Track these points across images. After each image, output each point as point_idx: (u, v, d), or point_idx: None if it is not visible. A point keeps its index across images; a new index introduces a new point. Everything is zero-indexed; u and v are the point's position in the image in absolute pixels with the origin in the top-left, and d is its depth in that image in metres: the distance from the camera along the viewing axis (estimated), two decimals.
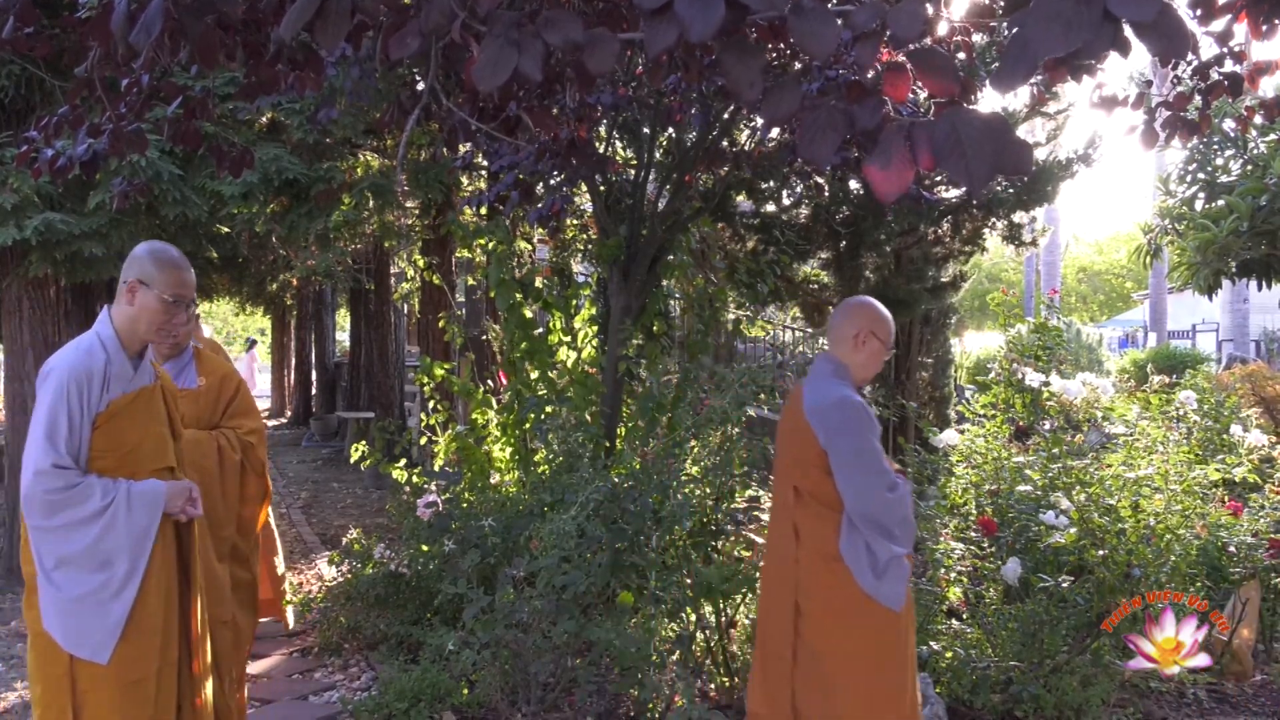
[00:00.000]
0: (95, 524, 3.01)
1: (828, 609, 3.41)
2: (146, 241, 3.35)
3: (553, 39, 1.63)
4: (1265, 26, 3.32)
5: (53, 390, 3.02)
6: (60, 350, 3.15)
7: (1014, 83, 1.46)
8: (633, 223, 6.69)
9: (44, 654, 3.04)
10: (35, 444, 2.99)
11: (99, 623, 3.02)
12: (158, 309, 3.22)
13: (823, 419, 3.41)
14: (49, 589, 3.00)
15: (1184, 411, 6.58)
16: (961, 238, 9.28)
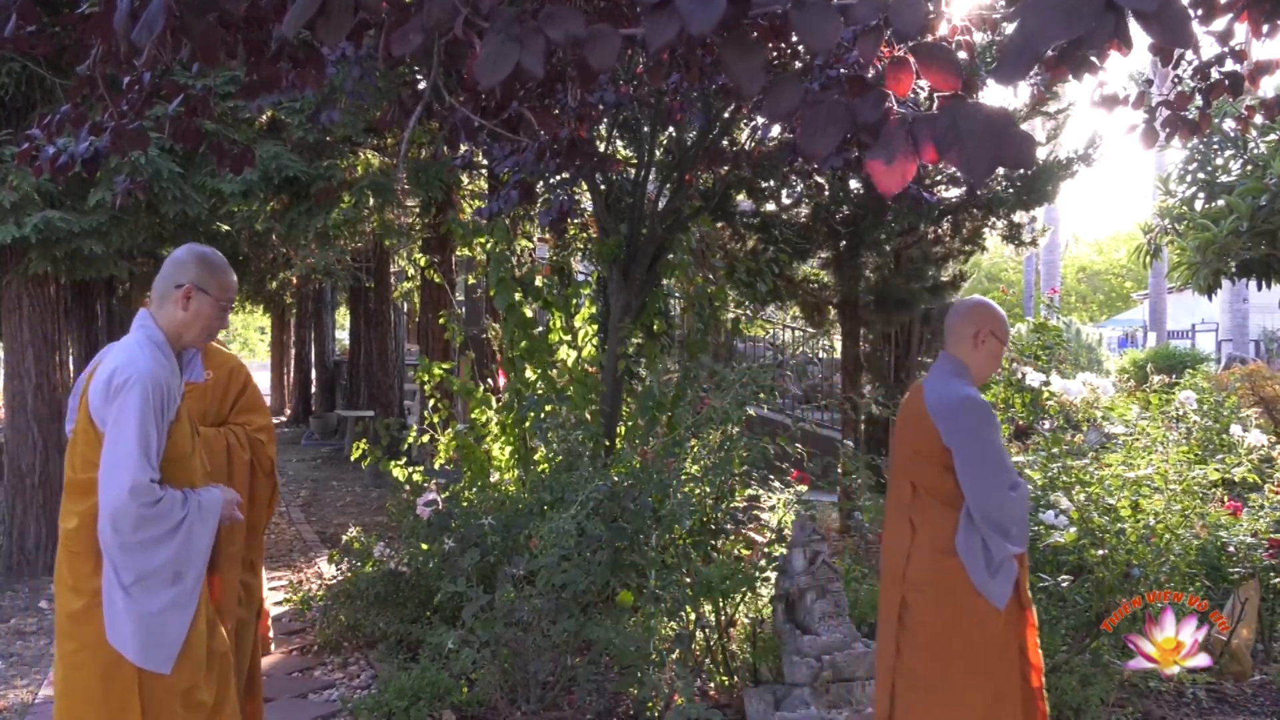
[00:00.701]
0: (175, 537, 2.99)
1: (936, 603, 3.45)
2: (187, 246, 3.31)
3: (554, 34, 1.63)
4: (1266, 26, 3.32)
5: (139, 400, 2.95)
6: (124, 355, 3.04)
7: (1016, 74, 1.46)
8: (633, 222, 6.69)
9: (106, 671, 2.96)
10: (129, 457, 2.91)
11: (168, 635, 2.99)
12: (212, 314, 3.21)
13: (947, 417, 3.46)
14: (127, 603, 2.94)
15: (1183, 411, 6.58)
16: (961, 237, 9.27)
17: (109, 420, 2.95)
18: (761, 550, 5.22)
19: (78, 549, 3.01)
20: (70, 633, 3.01)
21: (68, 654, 3.02)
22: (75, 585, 3.00)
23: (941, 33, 4.04)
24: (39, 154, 3.42)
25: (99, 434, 2.97)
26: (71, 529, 3.03)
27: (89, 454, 3.01)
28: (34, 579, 7.80)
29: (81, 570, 3.00)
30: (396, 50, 1.82)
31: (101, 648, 2.95)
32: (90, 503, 2.97)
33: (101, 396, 2.98)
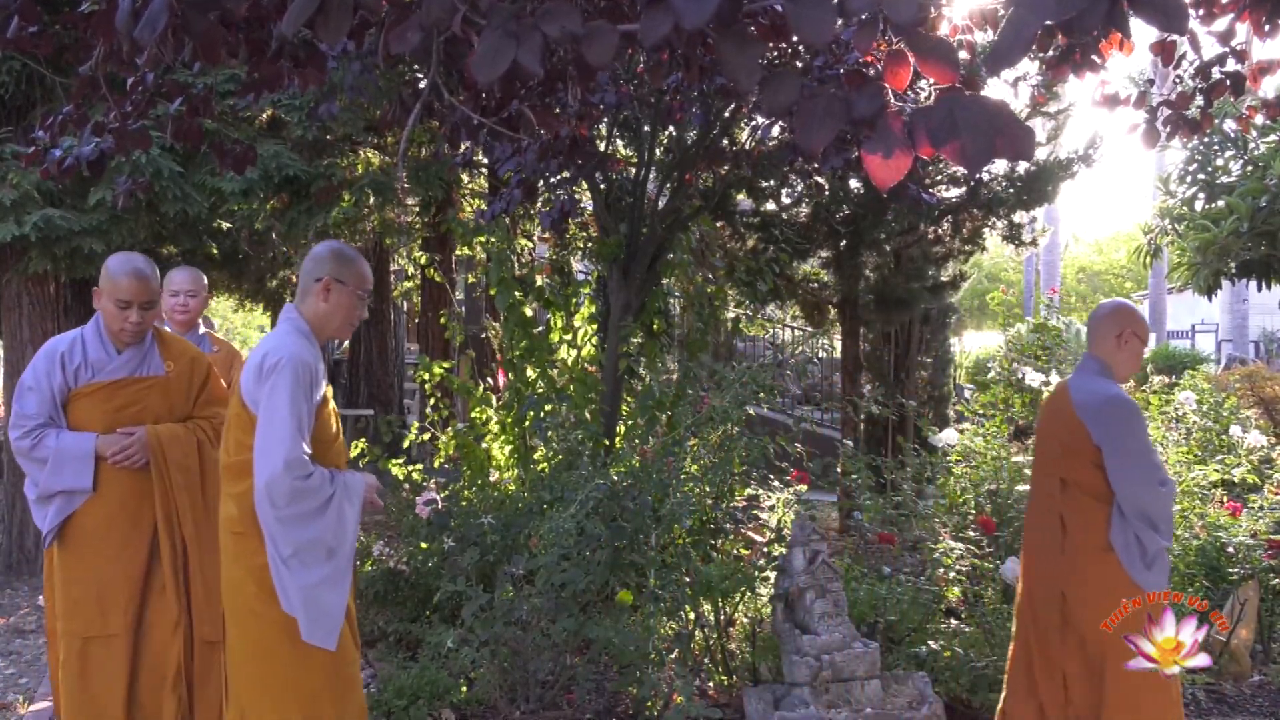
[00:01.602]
0: (325, 513, 3.11)
1: (1099, 598, 3.57)
2: (324, 242, 3.50)
3: (551, 30, 1.63)
4: (1268, 26, 3.32)
5: (290, 380, 3.09)
6: (272, 340, 3.23)
7: (1010, 59, 1.46)
8: (633, 221, 6.69)
9: (284, 641, 3.11)
10: (283, 433, 3.04)
11: (329, 610, 3.13)
12: (351, 305, 3.36)
13: (1096, 415, 3.63)
14: (289, 575, 3.08)
15: (1183, 412, 6.59)
16: (961, 237, 9.26)
17: (261, 401, 3.09)
18: (761, 550, 5.22)
19: (240, 530, 3.17)
20: (253, 610, 3.16)
21: (250, 630, 3.18)
22: (247, 566, 3.16)
23: (942, 32, 4.04)
24: (45, 156, 3.45)
25: (251, 417, 3.12)
26: (231, 514, 3.21)
27: (242, 437, 3.16)
28: (33, 577, 7.79)
29: (246, 549, 3.15)
30: (395, 48, 1.82)
31: (277, 619, 3.10)
32: (247, 484, 3.12)
33: (253, 380, 3.14)
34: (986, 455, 5.88)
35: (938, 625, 5.10)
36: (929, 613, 5.17)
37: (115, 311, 3.73)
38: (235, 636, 3.23)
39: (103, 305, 3.77)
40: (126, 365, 3.84)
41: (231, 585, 3.24)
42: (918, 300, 9.23)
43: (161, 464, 3.81)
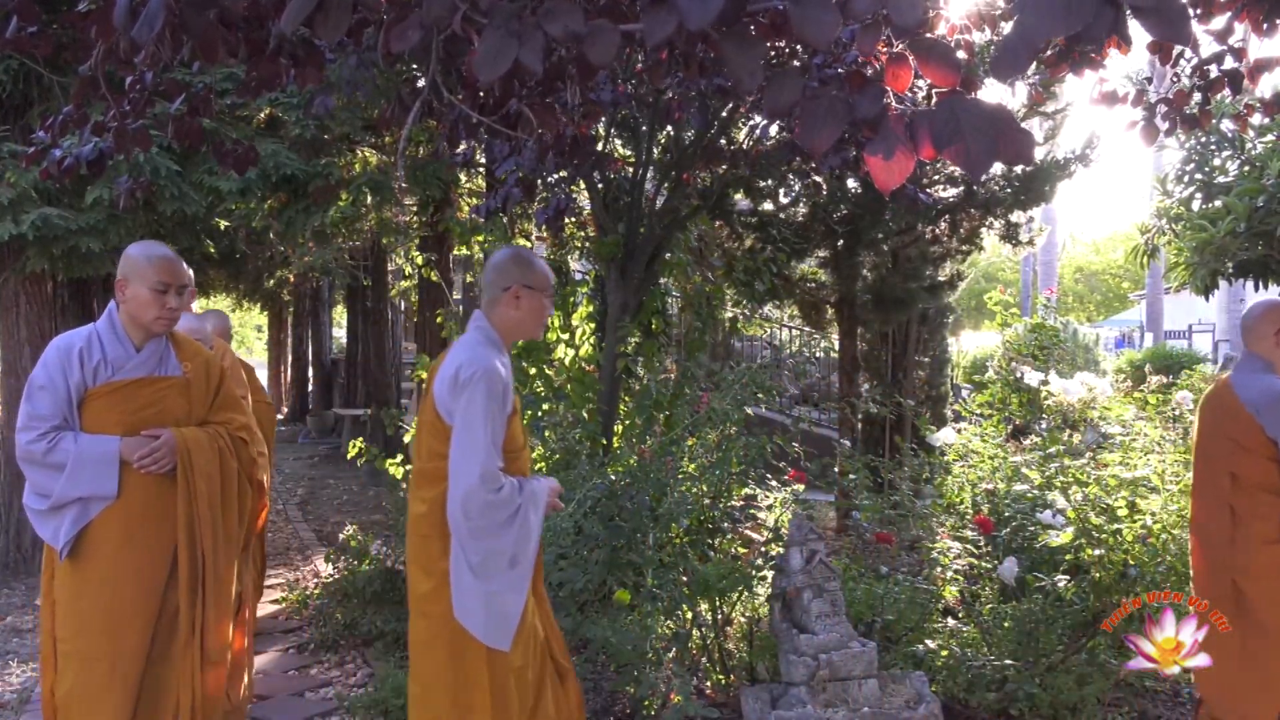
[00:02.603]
0: (514, 523, 3.20)
1: (1273, 586, 3.83)
2: (504, 249, 3.55)
3: (553, 29, 1.63)
4: (1266, 24, 3.32)
5: (485, 393, 3.18)
6: (466, 352, 3.28)
7: (1014, 70, 1.46)
8: (631, 220, 6.68)
9: (454, 646, 3.22)
10: (479, 447, 3.14)
11: (508, 615, 3.24)
12: (541, 308, 3.48)
13: (1269, 411, 3.82)
14: (474, 584, 3.18)
15: (1180, 412, 6.59)
16: (959, 237, 9.27)
17: (457, 413, 3.19)
18: (758, 549, 5.22)
19: (427, 532, 3.28)
20: (422, 611, 3.29)
21: (420, 631, 3.31)
22: (426, 566, 3.28)
23: (940, 32, 4.04)
24: (45, 156, 3.44)
25: (445, 426, 3.23)
26: (421, 514, 3.31)
27: (435, 445, 3.27)
28: (30, 576, 7.79)
29: (431, 552, 3.27)
30: (395, 47, 1.82)
31: (450, 624, 3.21)
32: (438, 490, 3.23)
33: (448, 390, 3.22)
34: (984, 455, 5.88)
35: (935, 625, 5.10)
36: (926, 612, 5.17)
37: (152, 298, 3.53)
38: (415, 630, 3.36)
39: (133, 294, 3.53)
40: (146, 364, 3.62)
41: (411, 582, 3.37)
42: (915, 300, 9.24)
43: (188, 470, 3.60)
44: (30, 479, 3.50)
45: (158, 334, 3.66)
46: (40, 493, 3.48)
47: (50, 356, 3.50)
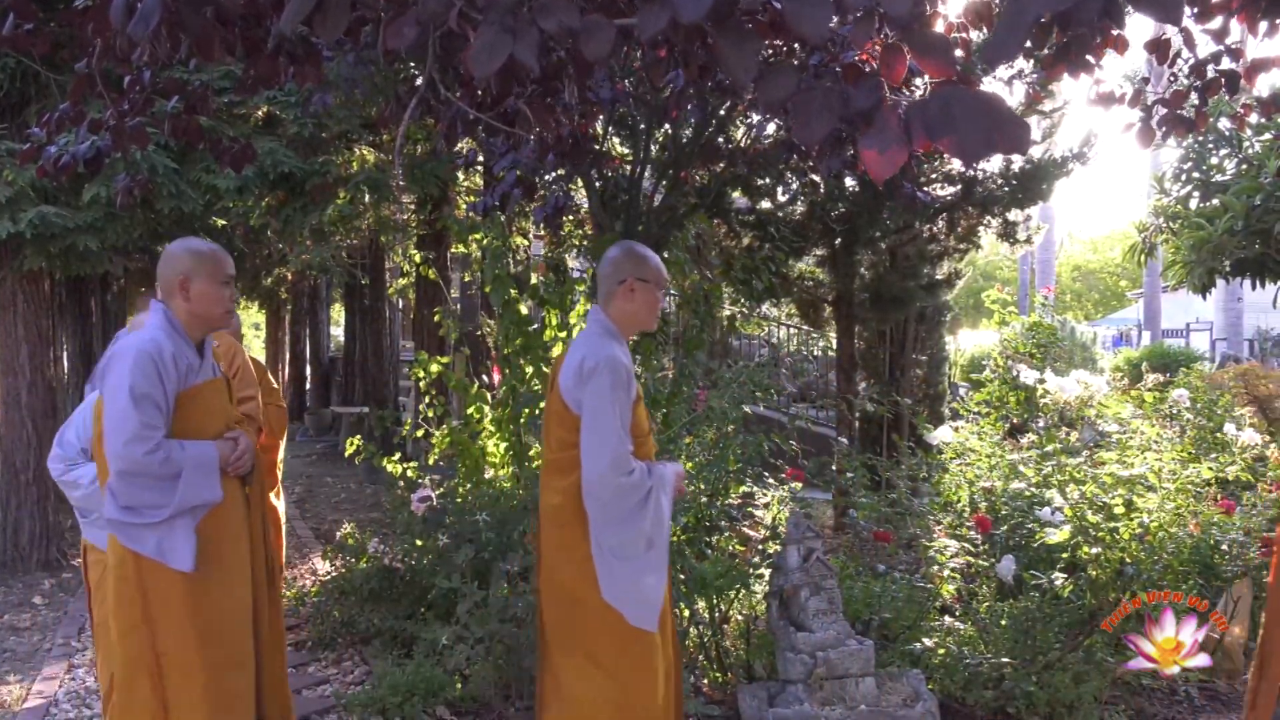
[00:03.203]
0: (646, 506, 3.29)
1: None
2: (619, 244, 3.63)
3: (548, 25, 1.63)
4: (1265, 25, 3.33)
5: (609, 381, 3.27)
6: (589, 344, 3.38)
7: (1007, 52, 1.46)
8: (628, 219, 6.68)
9: (607, 627, 3.33)
10: (608, 433, 3.23)
11: (650, 596, 3.35)
12: (655, 301, 3.56)
13: None
14: (615, 566, 3.30)
15: (1177, 410, 6.60)
16: (957, 235, 9.28)
17: (584, 402, 3.29)
18: (756, 547, 5.23)
19: (565, 520, 3.38)
20: (573, 598, 3.38)
21: (570, 616, 3.40)
22: (569, 554, 3.37)
23: (937, 29, 4.04)
24: (41, 154, 3.43)
25: (573, 416, 3.33)
26: (557, 504, 3.40)
27: (564, 435, 3.37)
28: (28, 574, 7.79)
29: (571, 539, 3.37)
30: (392, 44, 1.82)
31: (599, 607, 3.32)
32: (570, 479, 3.34)
33: (574, 381, 3.33)
34: (981, 453, 5.88)
35: (932, 623, 5.11)
36: (924, 610, 5.18)
37: (218, 292, 3.46)
38: (557, 620, 3.44)
39: (200, 290, 3.42)
40: (208, 365, 3.56)
41: (552, 571, 3.45)
42: (913, 298, 9.24)
43: (258, 471, 3.66)
44: (131, 492, 3.28)
45: (218, 329, 3.69)
46: (151, 505, 3.29)
47: (141, 362, 3.29)
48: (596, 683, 3.37)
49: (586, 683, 3.38)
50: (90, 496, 3.81)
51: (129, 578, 3.32)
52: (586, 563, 3.33)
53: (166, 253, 3.48)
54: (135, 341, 3.34)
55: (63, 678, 5.49)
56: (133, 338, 3.39)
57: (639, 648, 3.36)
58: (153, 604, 3.31)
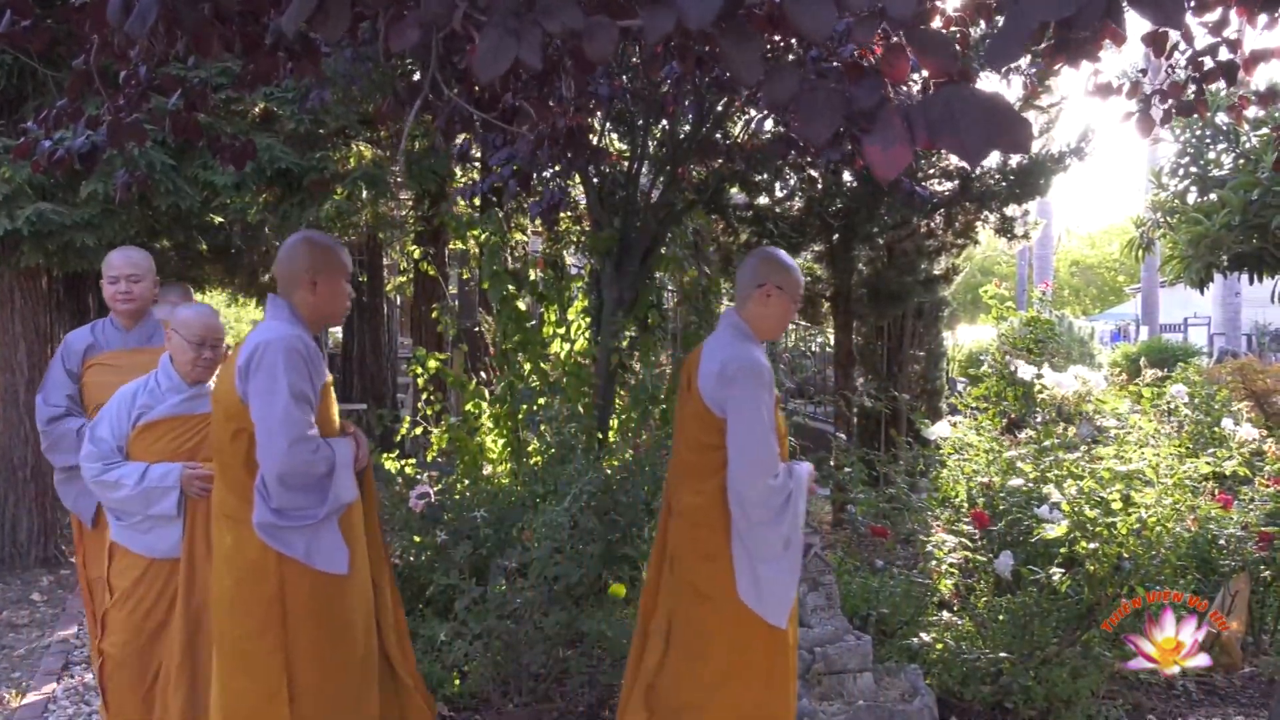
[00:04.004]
0: (787, 508, 3.34)
1: None
2: (760, 250, 3.68)
3: (551, 26, 1.63)
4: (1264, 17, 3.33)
5: (754, 384, 3.33)
6: (729, 348, 3.42)
7: (1009, 55, 1.46)
8: (626, 215, 6.68)
9: (740, 622, 3.38)
10: (759, 438, 3.30)
11: (784, 595, 3.40)
12: (788, 310, 3.58)
13: None
14: (756, 567, 3.35)
15: (1175, 405, 6.60)
16: (954, 231, 9.27)
17: (729, 405, 3.34)
18: None
19: (704, 521, 3.43)
20: (705, 595, 3.44)
21: (705, 616, 3.45)
22: (708, 554, 3.42)
23: (935, 25, 4.04)
24: (36, 149, 3.41)
25: (716, 418, 3.37)
26: (697, 505, 3.45)
27: (703, 436, 3.42)
28: (26, 571, 7.78)
29: (711, 541, 3.41)
30: (395, 46, 1.82)
31: (735, 605, 3.37)
32: (713, 481, 3.39)
33: (715, 384, 3.37)
34: (980, 448, 5.88)
35: (930, 618, 5.11)
36: (921, 606, 5.18)
37: (344, 288, 3.46)
38: (685, 619, 3.51)
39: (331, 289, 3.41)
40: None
41: (685, 571, 3.50)
42: (911, 294, 9.25)
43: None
44: (286, 495, 3.21)
45: (336, 325, 3.79)
46: (304, 506, 3.25)
47: (293, 360, 3.21)
48: (732, 685, 3.43)
49: (721, 687, 3.44)
50: (133, 498, 3.71)
51: (269, 579, 3.23)
52: (724, 562, 3.39)
53: (289, 249, 3.38)
54: (277, 337, 3.21)
55: (61, 674, 5.50)
56: (271, 333, 3.24)
57: (773, 645, 3.42)
58: (290, 605, 3.25)
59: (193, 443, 3.80)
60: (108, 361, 4.33)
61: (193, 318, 3.78)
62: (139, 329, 4.46)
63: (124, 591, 3.80)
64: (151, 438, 3.77)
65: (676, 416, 3.68)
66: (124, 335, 4.44)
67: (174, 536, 3.76)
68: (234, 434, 3.26)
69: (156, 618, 3.79)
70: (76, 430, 4.20)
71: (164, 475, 3.71)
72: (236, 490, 3.26)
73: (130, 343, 4.43)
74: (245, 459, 3.23)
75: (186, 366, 3.78)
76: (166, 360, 3.84)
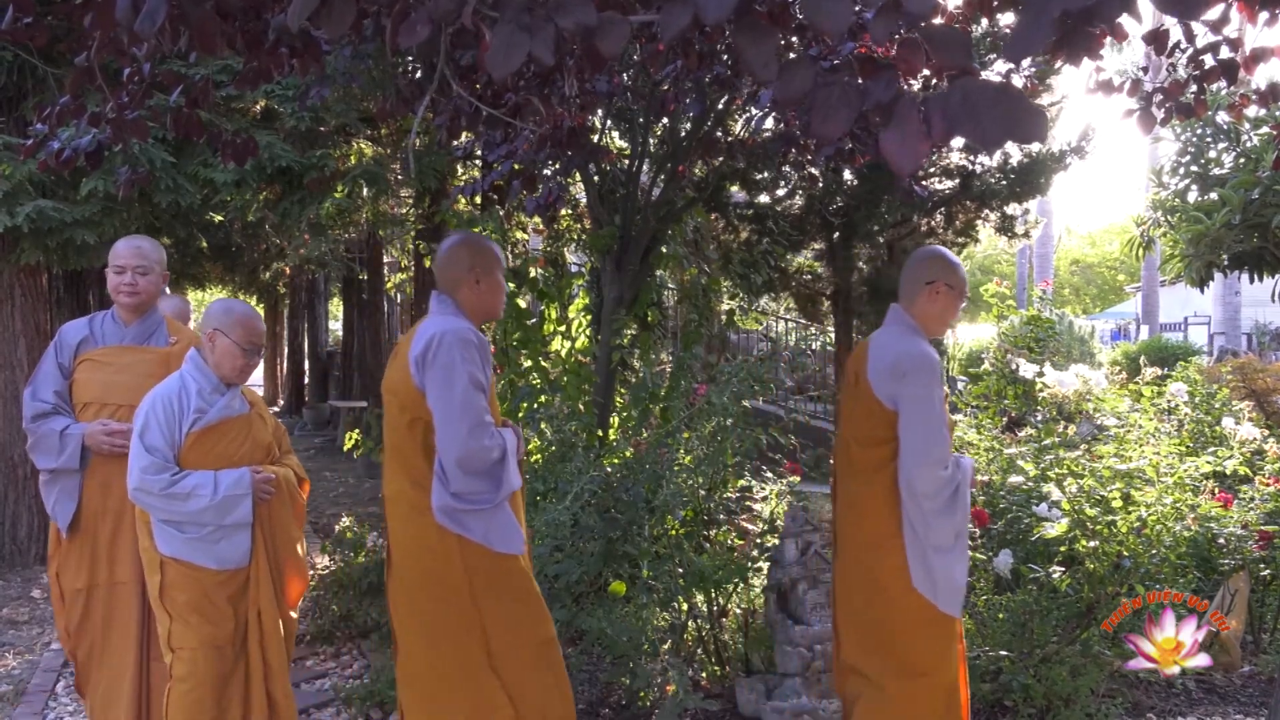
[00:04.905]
0: (956, 500, 3.42)
1: None
2: (925, 249, 3.74)
3: (564, 23, 1.62)
4: (1264, 15, 3.32)
5: (930, 379, 3.43)
6: (901, 344, 3.51)
7: (1030, 48, 1.46)
8: (626, 213, 6.68)
9: (917, 618, 3.45)
10: (935, 430, 3.38)
11: (958, 584, 3.49)
12: (953, 308, 3.64)
13: None
14: (931, 557, 3.42)
15: (1175, 404, 6.60)
16: (954, 229, 9.29)
17: (902, 399, 3.41)
18: (754, 541, 5.23)
19: (872, 512, 3.51)
20: (881, 586, 3.50)
21: (878, 606, 3.52)
22: (879, 546, 3.49)
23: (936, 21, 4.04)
24: (44, 149, 3.41)
25: (887, 411, 3.44)
26: (865, 496, 3.54)
27: (874, 431, 3.50)
28: (26, 569, 7.78)
29: (881, 530, 3.48)
30: (404, 42, 1.81)
31: (911, 596, 3.44)
32: (883, 474, 3.47)
33: (888, 378, 3.45)
34: (980, 447, 5.88)
35: None
36: None
37: (503, 284, 3.58)
38: (858, 609, 3.60)
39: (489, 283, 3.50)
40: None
41: (857, 563, 3.60)
42: None
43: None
44: (465, 480, 3.34)
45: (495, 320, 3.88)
46: (481, 491, 3.39)
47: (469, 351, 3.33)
48: (910, 675, 3.50)
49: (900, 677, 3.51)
50: (210, 509, 3.54)
51: (452, 563, 3.37)
52: (899, 554, 3.45)
53: (448, 251, 3.50)
54: (452, 329, 3.32)
55: (61, 672, 5.50)
56: (445, 325, 3.35)
57: (946, 631, 3.49)
58: (475, 584, 3.38)
59: (246, 446, 3.71)
60: (99, 358, 4.05)
61: (250, 321, 3.67)
62: (139, 325, 4.13)
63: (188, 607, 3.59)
64: (208, 443, 3.62)
65: (843, 412, 3.77)
66: (123, 331, 4.11)
67: (245, 545, 3.65)
68: (410, 423, 3.36)
69: (224, 634, 3.62)
70: (60, 432, 3.91)
71: (236, 482, 3.59)
72: (415, 478, 3.37)
73: (129, 339, 4.11)
74: (422, 446, 3.35)
75: (234, 371, 3.65)
76: (199, 361, 3.66)
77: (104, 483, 3.93)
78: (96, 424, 3.91)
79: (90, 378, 4.03)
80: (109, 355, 4.07)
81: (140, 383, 3.87)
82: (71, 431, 3.91)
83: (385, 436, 3.55)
